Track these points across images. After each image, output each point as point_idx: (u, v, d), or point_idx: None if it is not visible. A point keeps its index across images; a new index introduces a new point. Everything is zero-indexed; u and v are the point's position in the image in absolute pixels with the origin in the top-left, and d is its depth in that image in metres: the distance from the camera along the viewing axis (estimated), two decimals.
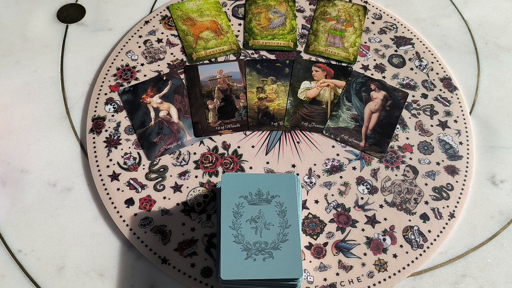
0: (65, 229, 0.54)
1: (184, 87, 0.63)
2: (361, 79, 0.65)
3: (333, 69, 0.66)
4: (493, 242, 0.55)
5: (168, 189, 0.56)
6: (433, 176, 0.59)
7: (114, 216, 0.54)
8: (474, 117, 0.64)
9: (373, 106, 0.63)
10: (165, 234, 0.53)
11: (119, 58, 0.66)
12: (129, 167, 0.57)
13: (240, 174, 0.52)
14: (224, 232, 0.48)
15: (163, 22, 0.69)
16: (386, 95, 0.63)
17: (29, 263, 0.52)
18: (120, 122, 0.61)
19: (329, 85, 0.64)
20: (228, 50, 0.67)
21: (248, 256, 0.47)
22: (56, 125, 0.61)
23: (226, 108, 0.62)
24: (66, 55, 0.66)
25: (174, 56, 0.66)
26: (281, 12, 0.71)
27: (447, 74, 0.67)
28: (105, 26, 0.69)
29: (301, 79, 0.65)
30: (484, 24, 0.73)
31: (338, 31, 0.69)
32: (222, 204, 0.50)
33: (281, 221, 0.49)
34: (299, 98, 0.63)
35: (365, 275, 0.52)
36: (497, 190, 0.59)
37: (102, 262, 0.52)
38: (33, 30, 0.68)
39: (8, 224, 0.54)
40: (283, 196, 0.51)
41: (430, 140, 0.61)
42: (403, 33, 0.70)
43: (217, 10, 0.71)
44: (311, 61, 0.66)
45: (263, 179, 0.52)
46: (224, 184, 0.51)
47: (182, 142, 0.59)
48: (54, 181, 0.57)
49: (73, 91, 0.63)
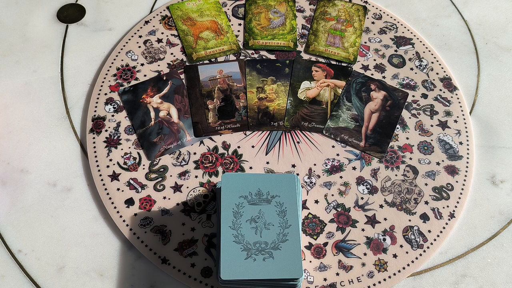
0: (65, 229, 0.54)
1: (184, 87, 0.63)
2: (361, 79, 0.65)
3: (333, 69, 0.66)
4: (493, 242, 0.55)
5: (168, 189, 0.56)
6: (433, 176, 0.59)
7: (114, 216, 0.54)
8: (474, 117, 0.64)
9: (373, 106, 0.63)
10: (165, 234, 0.53)
11: (119, 58, 0.66)
12: (129, 167, 0.57)
13: (240, 174, 0.52)
14: (224, 232, 0.48)
15: (163, 22, 0.69)
16: (386, 95, 0.64)
17: (29, 263, 0.52)
18: (120, 122, 0.61)
19: (329, 85, 0.64)
20: (228, 50, 0.67)
21: (248, 256, 0.47)
22: (56, 125, 0.61)
23: (226, 108, 0.62)
24: (66, 55, 0.66)
25: (174, 56, 0.66)
26: (281, 12, 0.71)
27: (447, 74, 0.67)
28: (105, 26, 0.69)
29: (301, 79, 0.65)
30: (484, 24, 0.73)
31: (338, 31, 0.69)
32: (222, 204, 0.50)
33: (281, 221, 0.49)
34: (299, 98, 0.63)
35: (365, 275, 0.52)
36: (497, 190, 0.59)
37: (102, 262, 0.52)
38: (33, 30, 0.68)
39: (8, 224, 0.54)
40: (283, 196, 0.51)
41: (430, 140, 0.61)
42: (403, 33, 0.70)
43: (217, 10, 0.71)
44: (311, 61, 0.66)
45: (263, 179, 0.52)
46: (224, 184, 0.51)
47: (182, 142, 0.59)
48: (54, 181, 0.57)
49: (73, 91, 0.63)
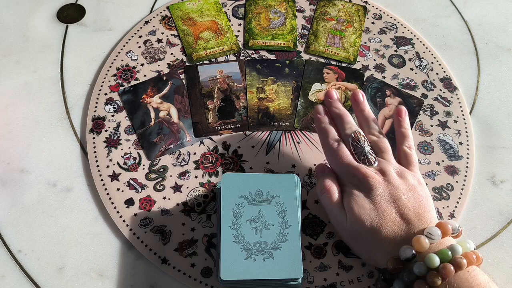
0: (65, 229, 0.54)
1: (184, 87, 0.63)
2: (376, 84, 0.64)
3: (344, 72, 0.66)
4: (493, 242, 0.55)
5: (168, 189, 0.56)
6: (433, 176, 0.59)
7: (114, 216, 0.54)
8: (474, 117, 0.64)
9: (387, 112, 0.63)
10: (165, 234, 0.53)
11: (119, 58, 0.66)
12: (129, 167, 0.57)
13: (240, 174, 0.52)
14: (224, 232, 0.48)
15: (163, 22, 0.69)
16: (401, 102, 0.63)
17: (29, 263, 0.52)
18: (120, 122, 0.61)
19: (340, 88, 0.64)
20: (228, 50, 0.67)
21: (248, 256, 0.47)
22: (56, 125, 0.61)
23: (226, 108, 0.62)
24: (66, 55, 0.66)
25: (174, 56, 0.66)
26: (281, 12, 0.71)
27: (447, 74, 0.67)
28: (105, 26, 0.69)
29: (312, 81, 0.65)
30: (484, 24, 0.73)
31: (338, 31, 0.70)
32: (222, 204, 0.50)
33: (281, 221, 0.49)
34: (310, 100, 0.63)
35: (365, 275, 0.52)
36: (497, 190, 0.59)
37: (102, 262, 0.52)
38: (33, 30, 0.68)
39: (8, 224, 0.54)
40: (283, 196, 0.51)
41: (430, 140, 0.61)
42: (403, 33, 0.70)
43: (217, 10, 0.71)
44: (322, 63, 0.66)
45: (263, 179, 0.52)
46: (224, 184, 0.51)
47: (182, 142, 0.59)
48: (54, 181, 0.57)
49: (73, 91, 0.63)
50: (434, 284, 0.43)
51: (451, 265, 0.43)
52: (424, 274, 0.44)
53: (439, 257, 0.44)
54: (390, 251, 0.47)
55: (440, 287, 0.43)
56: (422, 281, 0.44)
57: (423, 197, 0.50)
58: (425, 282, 0.44)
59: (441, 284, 0.43)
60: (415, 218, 0.48)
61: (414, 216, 0.48)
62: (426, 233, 0.46)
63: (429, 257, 0.44)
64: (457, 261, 0.44)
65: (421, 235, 0.46)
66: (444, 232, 0.46)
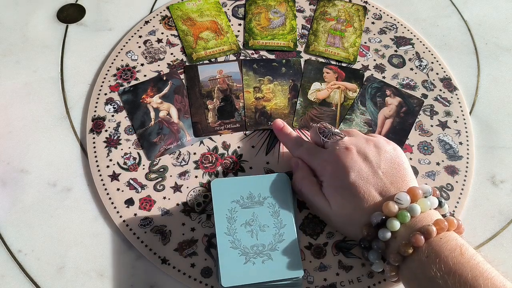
0: (65, 229, 0.54)
1: (184, 87, 0.63)
2: (376, 84, 0.64)
3: (344, 72, 0.66)
4: (493, 242, 0.55)
5: (168, 189, 0.56)
6: (433, 176, 0.59)
7: (114, 216, 0.54)
8: (474, 117, 0.64)
9: (387, 112, 0.62)
10: (165, 234, 0.53)
11: (119, 58, 0.66)
12: (129, 167, 0.57)
13: (229, 179, 0.52)
14: (220, 239, 0.48)
15: (163, 22, 0.69)
16: (401, 102, 0.63)
17: (29, 263, 0.52)
18: (120, 122, 0.61)
19: (339, 87, 0.64)
20: (228, 50, 0.67)
21: (247, 260, 0.47)
22: (56, 125, 0.61)
23: (225, 108, 0.62)
24: (66, 55, 0.66)
25: (174, 56, 0.66)
26: (281, 12, 0.71)
27: (447, 74, 0.67)
28: (105, 26, 0.69)
29: (312, 80, 0.65)
30: (484, 24, 0.73)
31: (338, 31, 0.69)
32: (215, 211, 0.49)
33: (276, 222, 0.49)
34: (309, 99, 0.63)
35: (365, 275, 0.52)
36: (497, 190, 0.59)
37: (102, 262, 0.52)
38: (33, 30, 0.68)
39: (8, 224, 0.54)
40: (274, 196, 0.51)
41: (430, 140, 0.61)
42: (403, 33, 0.70)
43: (217, 10, 0.71)
44: (322, 62, 0.66)
45: (253, 181, 0.51)
46: (214, 191, 0.50)
47: (182, 142, 0.59)
48: (54, 181, 0.57)
49: (73, 91, 0.63)
50: (406, 254, 0.44)
51: (421, 234, 0.44)
52: (387, 239, 0.46)
53: (398, 220, 0.46)
54: (366, 219, 0.48)
55: (413, 256, 0.44)
56: (396, 253, 0.45)
57: (399, 164, 0.51)
58: (398, 253, 0.45)
59: (413, 252, 0.44)
60: (389, 185, 0.49)
61: (388, 183, 0.49)
62: (395, 198, 0.47)
63: (389, 221, 0.46)
64: (426, 229, 0.45)
65: (390, 201, 0.47)
66: (414, 196, 0.47)
